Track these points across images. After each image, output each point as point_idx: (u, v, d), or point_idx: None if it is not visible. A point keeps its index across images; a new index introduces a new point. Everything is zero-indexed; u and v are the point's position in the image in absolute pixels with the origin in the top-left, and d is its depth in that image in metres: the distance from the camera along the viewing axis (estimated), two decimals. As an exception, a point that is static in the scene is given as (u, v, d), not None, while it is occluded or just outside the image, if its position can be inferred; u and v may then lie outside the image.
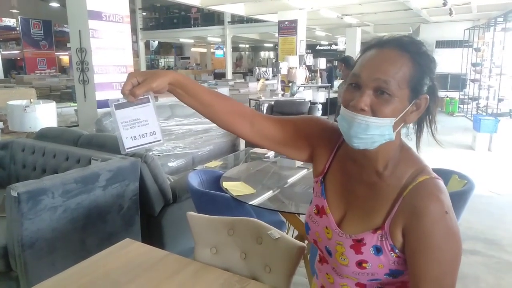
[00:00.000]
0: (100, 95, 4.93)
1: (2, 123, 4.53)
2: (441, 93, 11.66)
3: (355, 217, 0.92)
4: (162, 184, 2.74)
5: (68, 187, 2.14)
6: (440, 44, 12.71)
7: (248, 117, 1.00)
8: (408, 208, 0.83)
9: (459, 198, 2.23)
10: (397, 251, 0.86)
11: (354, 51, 13.80)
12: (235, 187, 2.39)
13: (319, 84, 9.94)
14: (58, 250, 2.13)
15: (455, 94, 11.87)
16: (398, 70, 0.79)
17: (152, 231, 2.81)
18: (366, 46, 0.86)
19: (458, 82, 12.24)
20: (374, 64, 0.81)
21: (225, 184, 2.43)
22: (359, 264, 0.89)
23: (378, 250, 0.87)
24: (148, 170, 2.69)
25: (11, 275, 2.10)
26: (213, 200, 2.28)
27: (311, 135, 1.03)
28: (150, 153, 4.14)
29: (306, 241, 1.87)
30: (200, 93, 0.94)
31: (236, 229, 1.49)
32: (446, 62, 11.54)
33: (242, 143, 5.66)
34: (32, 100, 4.48)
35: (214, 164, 3.44)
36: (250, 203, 2.18)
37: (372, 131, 0.81)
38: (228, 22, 15.77)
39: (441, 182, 0.86)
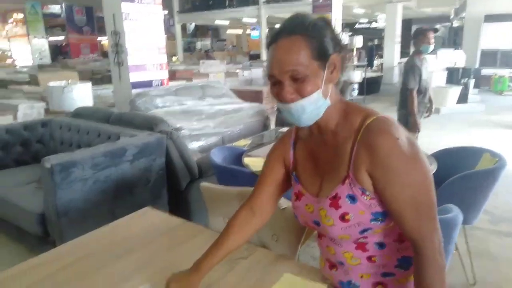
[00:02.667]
0: (133, 77, 5.10)
1: (45, 103, 4.82)
2: (489, 71, 10.99)
3: (328, 181, 0.98)
4: (187, 159, 2.83)
5: (96, 161, 2.27)
6: (489, 18, 11.85)
7: (247, 219, 1.14)
8: (363, 149, 0.89)
9: (489, 175, 2.14)
10: (367, 193, 0.91)
11: (394, 28, 13.22)
12: (255, 163, 2.43)
13: (355, 63, 9.66)
14: (90, 219, 2.27)
15: (504, 72, 11.09)
16: (298, 55, 0.86)
17: (179, 205, 2.92)
18: (267, 43, 0.92)
19: (508, 59, 11.42)
20: (278, 60, 0.88)
21: (246, 160, 2.47)
22: (342, 218, 0.93)
23: (352, 198, 0.92)
24: (174, 146, 2.78)
25: (49, 240, 2.29)
26: (234, 175, 2.33)
27: (280, 165, 1.12)
28: (181, 132, 4.27)
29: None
30: (222, 258, 1.12)
31: (246, 198, 1.52)
32: (495, 37, 10.77)
33: (272, 122, 5.67)
34: (70, 81, 4.71)
35: (243, 143, 3.49)
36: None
37: (309, 109, 0.90)
38: (263, 2, 15.57)
39: (387, 117, 0.91)
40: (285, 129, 3.84)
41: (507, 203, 3.48)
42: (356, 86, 9.63)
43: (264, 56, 16.52)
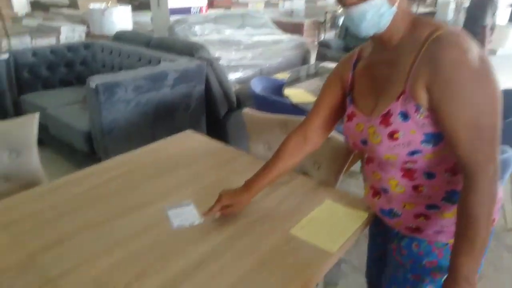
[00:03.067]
0: (172, 3, 4.95)
1: (86, 26, 4.83)
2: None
3: (383, 99, 0.92)
4: (226, 88, 2.80)
5: (138, 83, 2.28)
6: None
7: (298, 143, 1.13)
8: (425, 61, 0.81)
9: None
10: (422, 110, 0.84)
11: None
12: (296, 95, 2.37)
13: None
14: (132, 139, 2.35)
15: None
16: None
17: (217, 133, 2.96)
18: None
19: None
20: None
21: (287, 91, 2.41)
22: (391, 136, 0.88)
23: (404, 115, 0.86)
24: (213, 74, 2.75)
25: (95, 157, 2.41)
26: (273, 105, 2.30)
27: (337, 88, 1.08)
28: (219, 62, 4.20)
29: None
30: (273, 180, 1.13)
31: (289, 127, 1.50)
32: None
33: (313, 57, 5.46)
34: (109, 4, 4.65)
35: (282, 76, 3.40)
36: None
37: (370, 14, 0.82)
38: None
39: (460, 30, 0.82)
40: (326, 63, 3.68)
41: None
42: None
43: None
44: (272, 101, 2.29)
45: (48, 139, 2.84)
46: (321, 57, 5.26)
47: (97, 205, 1.17)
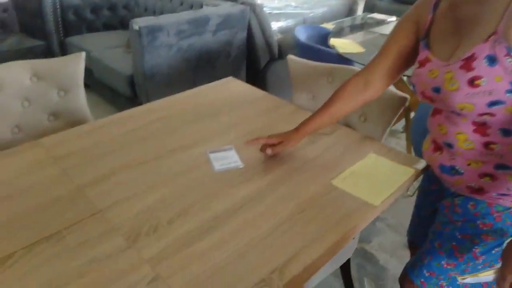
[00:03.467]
0: None
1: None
2: None
3: (466, 42, 0.82)
4: (268, 37, 2.71)
5: (181, 27, 2.24)
6: None
7: (358, 88, 1.06)
8: None
9: None
10: None
11: None
12: (343, 45, 2.25)
13: None
14: (173, 84, 2.36)
15: None
16: None
17: (257, 84, 2.91)
18: None
19: None
20: None
21: (333, 41, 2.29)
22: (471, 82, 0.79)
23: (491, 59, 0.76)
24: (256, 21, 2.65)
25: (137, 101, 2.46)
26: (318, 55, 2.19)
27: (410, 31, 0.99)
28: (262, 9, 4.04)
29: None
30: (324, 125, 1.11)
31: (335, 77, 1.43)
32: None
33: (360, 8, 5.13)
34: None
35: (327, 26, 3.23)
36: (358, 61, 2.04)
37: None
38: None
39: None
40: (375, 15, 3.44)
41: None
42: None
43: None
44: (318, 50, 2.19)
45: (92, 82, 2.91)
46: (369, 8, 4.94)
47: (139, 145, 1.19)
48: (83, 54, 1.50)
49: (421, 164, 1.10)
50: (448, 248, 0.96)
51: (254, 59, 2.77)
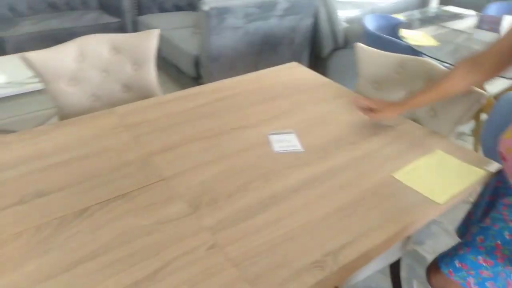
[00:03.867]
0: None
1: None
2: None
3: None
4: (334, 25, 2.65)
5: (249, 10, 2.26)
6: None
7: (470, 69, 1.04)
8: None
9: None
10: None
11: None
12: (414, 37, 2.14)
13: None
14: (236, 67, 2.40)
15: None
16: None
17: (319, 72, 2.87)
18: None
19: None
20: None
21: (403, 32, 2.19)
22: None
23: None
24: (324, 8, 2.60)
25: (200, 82, 2.54)
26: (387, 45, 2.11)
27: None
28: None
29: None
30: (430, 100, 1.13)
31: (406, 68, 1.37)
32: None
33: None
34: None
35: (397, 17, 3.09)
36: (430, 55, 1.94)
37: None
38: None
39: None
40: (451, 7, 3.23)
41: None
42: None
43: None
44: (387, 40, 2.11)
45: (159, 60, 3.04)
46: (445, 1, 4.63)
47: (205, 121, 1.24)
48: (157, 31, 1.57)
49: (494, 166, 1.03)
50: (491, 246, 0.91)
51: (318, 46, 2.73)
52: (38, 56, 1.34)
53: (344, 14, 4.22)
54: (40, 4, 3.41)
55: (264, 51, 2.49)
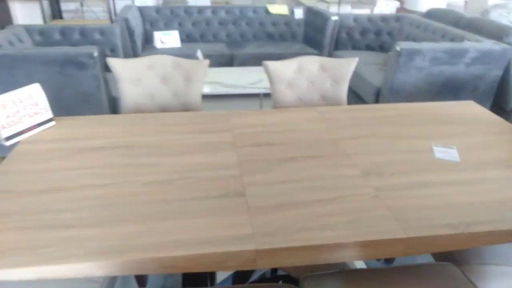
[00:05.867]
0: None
1: (399, 2, 5.27)
2: None
3: None
4: (528, 79, 2.64)
5: (437, 55, 2.53)
6: None
7: None
8: None
9: None
10: None
11: None
12: None
13: None
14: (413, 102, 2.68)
15: None
16: None
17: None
18: None
19: None
20: None
21: None
22: None
23: None
24: (518, 61, 2.64)
25: (376, 110, 2.89)
26: None
27: None
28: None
29: None
30: None
31: None
32: None
33: None
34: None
35: None
36: None
37: None
38: None
39: None
40: None
41: None
42: None
43: None
44: None
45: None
46: None
47: (382, 126, 1.61)
48: (356, 59, 2.03)
49: None
50: None
51: (504, 98, 2.75)
52: (272, 65, 1.97)
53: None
54: (261, 34, 4.39)
55: (444, 93, 2.68)
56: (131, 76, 1.97)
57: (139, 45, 3.80)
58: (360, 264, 1.90)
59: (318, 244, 0.96)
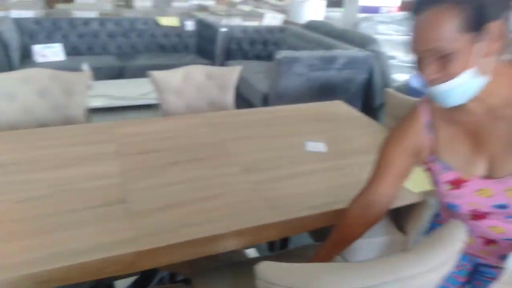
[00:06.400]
0: (363, 1, 5.33)
1: (284, 15, 5.71)
2: None
3: (507, 155, 0.81)
4: (388, 80, 3.09)
5: (313, 62, 2.82)
6: None
7: (364, 211, 1.02)
8: None
9: None
10: None
11: None
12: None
13: None
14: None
15: None
16: (445, 29, 0.71)
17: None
18: (408, 17, 0.78)
19: None
20: (420, 36, 0.74)
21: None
22: None
23: None
24: (378, 66, 3.08)
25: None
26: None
27: (405, 155, 0.97)
28: (393, 61, 4.42)
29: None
30: (331, 254, 1.07)
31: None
32: None
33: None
34: (308, -3, 5.36)
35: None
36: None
37: (457, 91, 0.76)
38: None
39: None
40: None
41: None
42: None
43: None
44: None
45: (236, 95, 3.71)
46: None
47: (266, 128, 1.75)
48: (239, 68, 2.17)
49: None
50: None
51: (370, 98, 3.17)
52: (159, 75, 2.00)
53: (404, 77, 4.64)
54: (153, 46, 4.36)
55: (321, 96, 2.98)
56: (2, 90, 1.82)
57: (16, 60, 3.48)
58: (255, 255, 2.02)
59: (196, 238, 1.02)
